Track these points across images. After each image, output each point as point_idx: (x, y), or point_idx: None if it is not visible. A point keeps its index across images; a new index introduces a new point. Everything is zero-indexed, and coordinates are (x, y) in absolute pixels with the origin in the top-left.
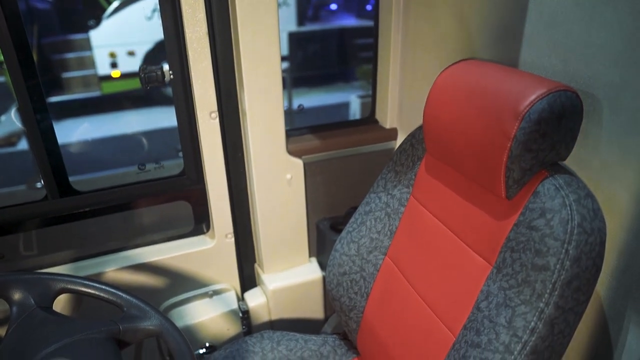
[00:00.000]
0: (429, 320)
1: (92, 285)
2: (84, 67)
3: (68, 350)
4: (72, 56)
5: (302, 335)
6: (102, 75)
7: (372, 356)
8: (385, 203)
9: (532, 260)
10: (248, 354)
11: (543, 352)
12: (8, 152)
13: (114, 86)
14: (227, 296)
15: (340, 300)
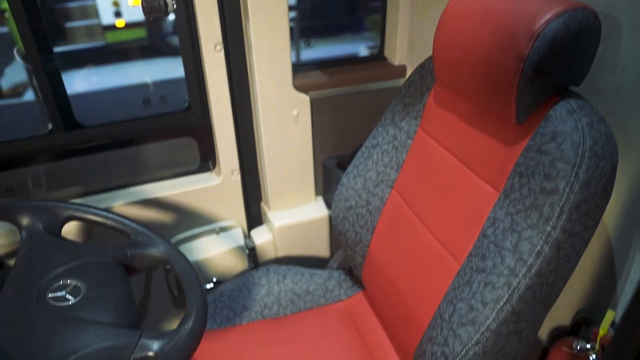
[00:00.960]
0: (434, 251)
1: (99, 214)
2: (87, 17)
3: (77, 272)
4: (75, 5)
5: (308, 270)
6: (106, 24)
7: (377, 289)
8: (393, 136)
9: (540, 184)
10: (254, 286)
11: (548, 276)
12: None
13: (119, 35)
14: (234, 233)
15: (346, 234)
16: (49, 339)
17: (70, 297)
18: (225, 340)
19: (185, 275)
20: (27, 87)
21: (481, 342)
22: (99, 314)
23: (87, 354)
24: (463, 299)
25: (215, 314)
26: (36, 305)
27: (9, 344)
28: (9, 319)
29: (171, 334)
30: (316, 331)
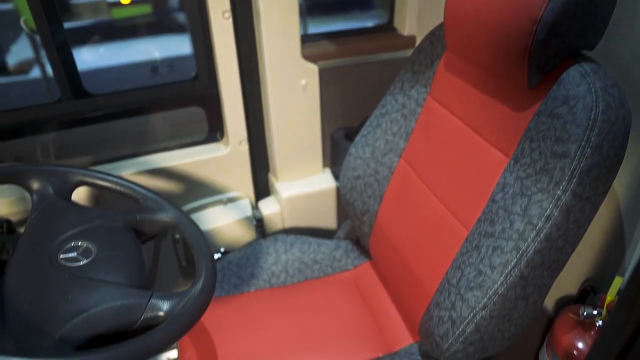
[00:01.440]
0: (442, 218)
1: (108, 179)
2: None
3: (88, 234)
4: None
5: (315, 239)
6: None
7: (384, 259)
8: (402, 104)
9: (551, 148)
10: (262, 255)
11: (557, 241)
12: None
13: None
14: (242, 204)
15: (354, 204)
16: (62, 297)
17: (82, 258)
18: (233, 307)
19: (194, 239)
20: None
21: (488, 306)
22: (110, 275)
23: (99, 311)
24: (471, 263)
25: (223, 281)
26: (48, 266)
27: (23, 302)
28: (22, 279)
29: (181, 295)
30: (323, 299)
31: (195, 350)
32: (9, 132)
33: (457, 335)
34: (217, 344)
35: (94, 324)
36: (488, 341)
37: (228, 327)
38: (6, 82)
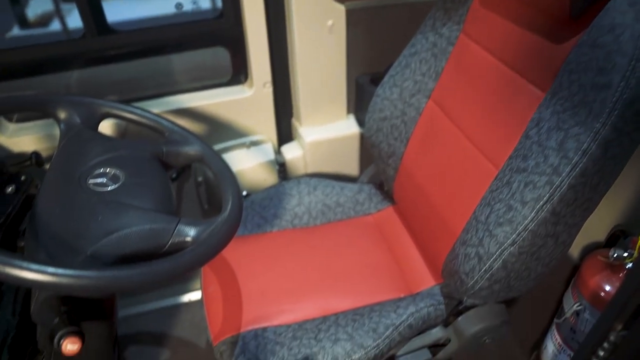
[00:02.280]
0: (472, 158)
1: (135, 112)
2: None
3: (116, 161)
4: None
5: (338, 183)
6: None
7: (408, 203)
8: (432, 43)
9: (592, 79)
10: (285, 196)
11: (592, 177)
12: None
13: None
14: (265, 148)
15: (379, 146)
16: (92, 218)
17: (110, 184)
18: (256, 246)
19: (220, 171)
20: (53, 17)
21: (517, 242)
22: (138, 200)
23: (128, 233)
24: (501, 199)
25: (246, 220)
26: (78, 189)
27: (54, 222)
28: (52, 201)
29: (208, 222)
30: (345, 241)
31: (218, 285)
32: (34, 68)
33: (483, 271)
34: (240, 279)
35: (123, 244)
36: (514, 279)
37: (251, 264)
38: (26, 35)
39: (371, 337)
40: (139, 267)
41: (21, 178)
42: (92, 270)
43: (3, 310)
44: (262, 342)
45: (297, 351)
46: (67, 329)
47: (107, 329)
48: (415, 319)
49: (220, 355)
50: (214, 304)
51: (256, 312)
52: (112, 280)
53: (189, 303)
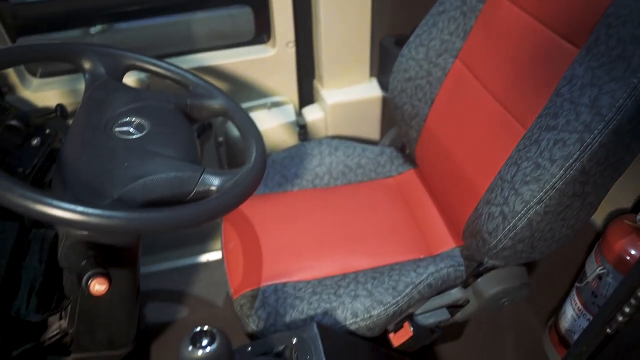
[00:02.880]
0: (499, 119)
1: (160, 65)
2: None
3: (141, 111)
4: None
5: (360, 144)
6: None
7: (431, 165)
8: (462, 1)
9: (632, 32)
10: (306, 156)
11: (625, 135)
12: None
13: None
14: (286, 109)
15: (403, 108)
16: (118, 164)
17: (136, 132)
18: (277, 204)
19: (244, 123)
20: None
21: (544, 201)
22: (164, 148)
23: (154, 180)
24: (529, 158)
25: (267, 179)
26: (104, 136)
27: (81, 168)
28: (78, 148)
29: (232, 172)
30: (365, 202)
31: (239, 240)
32: (56, 23)
33: (507, 230)
34: (260, 236)
35: (149, 190)
36: (538, 239)
37: (271, 222)
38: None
39: (390, 294)
40: (166, 210)
41: (46, 131)
42: (120, 211)
43: (30, 258)
44: (282, 296)
45: (316, 305)
46: (95, 269)
47: (131, 276)
48: (434, 279)
49: (240, 308)
50: (234, 259)
51: (276, 268)
52: (139, 222)
53: (207, 263)
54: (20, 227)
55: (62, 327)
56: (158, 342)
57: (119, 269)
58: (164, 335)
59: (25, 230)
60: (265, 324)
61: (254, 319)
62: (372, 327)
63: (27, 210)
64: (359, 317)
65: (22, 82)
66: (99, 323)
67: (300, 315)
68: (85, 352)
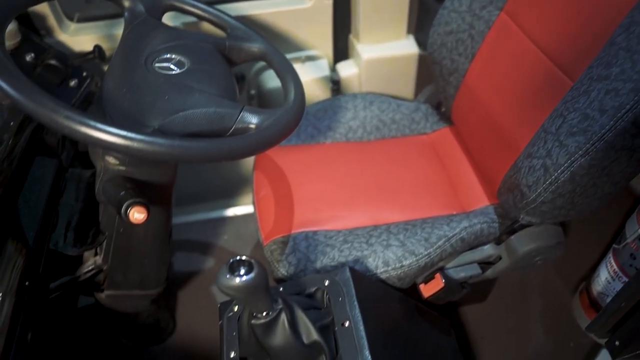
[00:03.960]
0: (545, 72)
1: (199, 6)
2: None
3: (180, 49)
4: None
5: (395, 100)
6: None
7: (467, 122)
8: None
9: None
10: (340, 109)
11: None
12: None
13: None
14: (320, 63)
15: (442, 63)
16: (159, 97)
17: (176, 68)
18: (309, 155)
19: (282, 66)
20: None
21: (590, 153)
22: (203, 85)
23: (194, 114)
24: (577, 109)
25: (300, 130)
26: (144, 71)
27: (122, 99)
28: (119, 81)
29: (272, 111)
30: (399, 158)
31: (271, 189)
32: None
33: (548, 183)
34: (292, 185)
35: (189, 123)
36: (579, 195)
37: (303, 172)
38: None
39: (423, 245)
40: (208, 141)
41: (83, 74)
42: (163, 138)
43: (67, 196)
44: (313, 243)
45: (347, 253)
46: (134, 199)
47: (165, 215)
48: (467, 234)
49: (270, 253)
50: (266, 206)
51: (307, 216)
52: (181, 150)
53: (235, 217)
54: (59, 165)
55: (97, 263)
56: (185, 289)
57: (155, 206)
58: (191, 284)
59: (62, 168)
60: (296, 270)
61: (284, 264)
62: (402, 277)
63: (71, 131)
64: (390, 266)
65: (60, 25)
66: (132, 260)
67: (331, 262)
68: (118, 289)
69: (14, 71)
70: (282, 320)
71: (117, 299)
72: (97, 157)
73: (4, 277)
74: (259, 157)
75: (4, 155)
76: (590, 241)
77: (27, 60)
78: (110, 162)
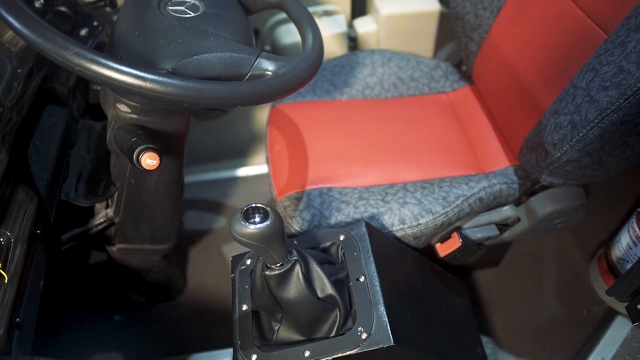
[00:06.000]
0: (577, 25)
1: None
2: None
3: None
4: None
5: (415, 57)
6: None
7: (489, 81)
8: None
9: None
10: (357, 65)
11: None
12: None
13: None
14: (337, 19)
15: (465, 18)
16: (173, 39)
17: (190, 12)
18: (325, 111)
19: (300, 13)
20: None
21: (623, 109)
22: (219, 29)
23: (209, 57)
24: (611, 62)
25: (315, 86)
26: (157, 14)
27: (135, 41)
28: (132, 24)
29: (289, 58)
30: (417, 116)
31: (285, 144)
32: None
33: (575, 141)
34: (307, 141)
35: (204, 67)
36: (607, 154)
37: (319, 128)
38: None
39: (440, 204)
40: (223, 84)
41: (94, 23)
42: (177, 79)
43: (79, 147)
44: (327, 200)
45: (363, 210)
46: (146, 144)
47: (177, 166)
48: (486, 194)
49: (283, 209)
50: (279, 161)
51: (322, 173)
52: (195, 91)
53: (246, 177)
54: (70, 115)
55: (108, 216)
56: (196, 248)
57: (166, 156)
58: (202, 243)
59: (73, 119)
60: (310, 225)
61: (298, 220)
62: (418, 236)
63: (81, 68)
64: (407, 224)
65: None
66: (143, 213)
67: (345, 218)
68: (129, 243)
69: (23, 9)
70: (296, 272)
71: (129, 252)
72: (109, 105)
73: (15, 224)
74: (272, 112)
75: (13, 103)
76: (608, 207)
77: (36, 6)
78: (122, 110)
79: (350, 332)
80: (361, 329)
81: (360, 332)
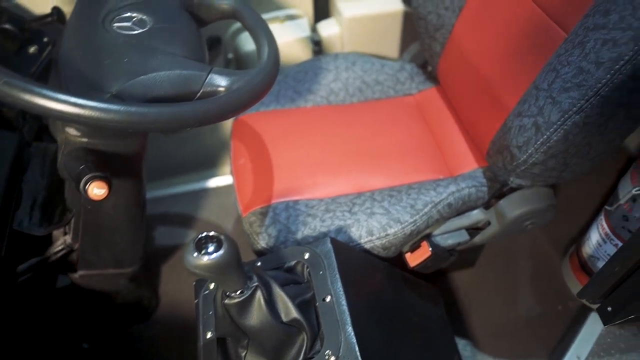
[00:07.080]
0: (538, 24)
1: None
2: None
3: (142, 7)
4: None
5: (379, 60)
6: None
7: (454, 81)
8: None
9: None
10: (321, 71)
11: None
12: None
13: None
14: (300, 23)
15: (427, 18)
16: (118, 59)
17: (137, 28)
18: (289, 120)
19: (254, 23)
20: None
21: (585, 110)
22: (168, 45)
23: (156, 77)
24: (570, 62)
25: (279, 94)
26: (102, 31)
27: (78, 62)
28: (75, 43)
29: (243, 72)
30: (383, 120)
31: (249, 157)
32: None
33: (539, 143)
34: (271, 153)
35: (150, 88)
36: (572, 155)
37: (283, 138)
38: None
39: (408, 212)
40: (169, 106)
41: (44, 39)
42: (118, 104)
43: (32, 171)
44: (294, 214)
45: (330, 223)
46: (93, 173)
47: (135, 188)
48: (455, 199)
49: (249, 225)
50: (244, 175)
51: (287, 185)
52: (139, 116)
53: (217, 188)
54: (20, 139)
55: (67, 243)
56: (168, 264)
57: (122, 179)
58: (174, 258)
59: (25, 143)
60: (276, 242)
61: (264, 236)
62: (387, 247)
63: (13, 99)
64: (375, 236)
65: None
66: (103, 238)
67: (312, 232)
68: (92, 269)
69: None
70: (257, 299)
71: (92, 278)
72: (57, 130)
73: None
74: (236, 125)
75: None
76: (580, 203)
77: None
78: (71, 134)
79: (318, 355)
80: (329, 352)
81: (328, 355)
